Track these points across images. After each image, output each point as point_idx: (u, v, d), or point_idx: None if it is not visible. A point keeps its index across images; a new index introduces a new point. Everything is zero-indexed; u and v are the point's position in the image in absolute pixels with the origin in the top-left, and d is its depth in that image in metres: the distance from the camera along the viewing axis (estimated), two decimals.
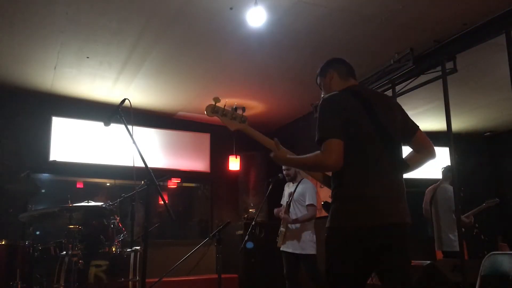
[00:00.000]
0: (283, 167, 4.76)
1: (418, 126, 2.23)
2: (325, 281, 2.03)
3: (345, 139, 1.95)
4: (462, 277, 3.95)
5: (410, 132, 2.20)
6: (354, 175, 1.99)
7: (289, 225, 4.60)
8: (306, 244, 4.52)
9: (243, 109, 2.41)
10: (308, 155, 2.06)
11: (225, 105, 2.35)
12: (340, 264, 1.98)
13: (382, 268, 2.00)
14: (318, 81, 2.36)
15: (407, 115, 2.24)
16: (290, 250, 4.56)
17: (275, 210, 4.81)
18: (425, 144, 2.21)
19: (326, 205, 2.16)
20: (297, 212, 4.60)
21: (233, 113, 2.37)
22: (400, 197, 2.03)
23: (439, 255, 5.17)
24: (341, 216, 1.99)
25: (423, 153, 2.22)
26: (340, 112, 2.00)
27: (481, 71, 4.99)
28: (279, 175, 4.80)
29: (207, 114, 2.37)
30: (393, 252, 1.98)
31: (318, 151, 2.00)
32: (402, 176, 2.12)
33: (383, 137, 2.03)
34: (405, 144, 2.22)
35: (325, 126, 1.99)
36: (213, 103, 2.34)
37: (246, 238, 4.74)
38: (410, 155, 2.25)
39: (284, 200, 4.86)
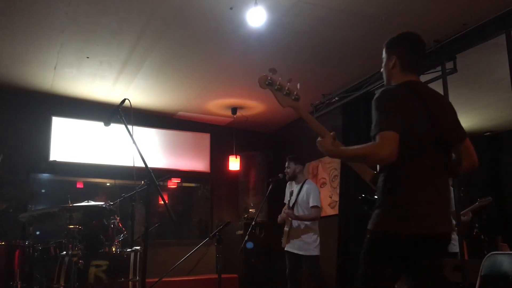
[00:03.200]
0: (286, 165, 4.76)
1: (466, 134, 2.12)
2: (360, 283, 1.96)
3: (403, 137, 1.83)
4: (462, 277, 3.95)
5: (460, 138, 2.08)
6: (409, 178, 1.89)
7: (293, 225, 4.60)
8: (310, 245, 4.51)
9: (298, 85, 2.17)
10: (359, 146, 1.93)
11: (279, 79, 2.12)
12: (379, 269, 1.91)
13: (418, 274, 1.94)
14: (383, 55, 2.20)
15: (459, 120, 2.13)
16: (294, 251, 4.55)
17: (279, 217, 4.79)
18: (471, 153, 2.11)
19: (365, 201, 2.05)
20: (299, 213, 4.59)
21: (288, 88, 2.14)
22: (449, 204, 1.98)
23: None
24: (391, 221, 1.87)
25: (467, 162, 2.11)
26: (399, 108, 1.88)
27: (481, 71, 4.99)
28: (279, 175, 4.80)
29: (260, 86, 2.16)
30: (437, 260, 1.94)
31: (367, 143, 1.88)
32: (449, 182, 2.07)
33: (438, 140, 1.93)
34: (451, 149, 2.10)
35: (382, 118, 1.86)
36: (267, 75, 2.13)
37: (246, 238, 4.75)
38: (455, 162, 2.14)
39: (287, 199, 4.86)
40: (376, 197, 2.04)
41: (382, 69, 2.19)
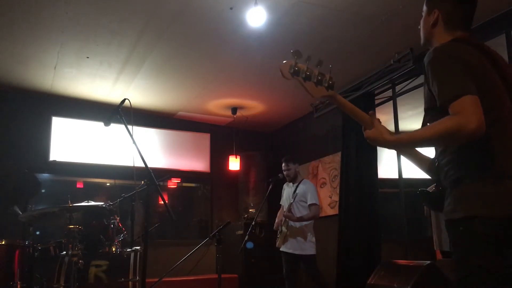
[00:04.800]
0: (283, 167, 4.75)
1: None
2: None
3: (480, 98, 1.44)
4: None
5: None
6: (495, 147, 1.50)
7: (290, 225, 4.60)
8: (306, 244, 4.52)
9: (330, 69, 1.71)
10: (429, 125, 1.54)
11: (307, 64, 1.69)
12: (489, 266, 1.45)
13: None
14: (423, 9, 1.82)
15: None
16: (290, 251, 4.56)
17: (275, 224, 4.79)
18: None
19: (425, 194, 1.73)
20: (297, 213, 4.60)
21: (319, 75, 1.68)
22: None
23: (438, 254, 5.17)
24: (487, 202, 1.47)
25: None
26: (467, 66, 1.50)
27: None
28: (279, 175, 4.81)
29: (284, 76, 1.72)
30: None
31: (445, 118, 1.45)
32: None
33: None
34: None
35: (452, 81, 1.47)
36: (292, 61, 1.69)
37: (246, 238, 4.74)
38: None
39: (283, 200, 4.86)
40: (432, 188, 1.73)
41: (420, 26, 1.82)
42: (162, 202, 4.34)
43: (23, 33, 4.34)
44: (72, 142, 6.20)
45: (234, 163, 7.09)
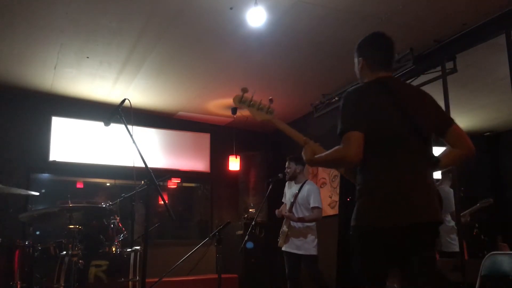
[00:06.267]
0: (286, 165, 4.76)
1: (453, 120, 2.10)
2: (360, 281, 1.99)
3: (369, 133, 1.87)
4: (462, 277, 3.95)
5: (444, 125, 2.06)
6: (381, 171, 1.90)
7: (292, 225, 4.59)
8: (308, 245, 4.51)
9: (271, 100, 2.34)
10: (329, 151, 1.99)
11: (252, 96, 2.31)
12: (369, 264, 1.93)
13: (408, 268, 1.93)
14: (355, 59, 2.26)
15: (442, 109, 2.12)
16: (292, 251, 4.55)
17: (277, 211, 4.78)
18: (461, 139, 2.06)
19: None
20: (299, 214, 4.59)
21: (260, 103, 2.32)
22: (431, 194, 1.93)
23: (437, 254, 5.18)
24: (368, 215, 1.91)
25: (459, 149, 2.06)
26: (363, 105, 1.92)
27: (481, 71, 4.98)
28: (279, 175, 4.80)
29: (234, 104, 2.34)
30: (426, 251, 1.93)
31: (335, 147, 1.93)
32: (432, 172, 2.01)
33: (412, 132, 1.93)
34: (441, 139, 2.10)
35: (346, 118, 1.92)
36: (241, 93, 2.31)
37: (246, 238, 4.74)
38: (446, 151, 2.10)
39: (285, 199, 4.86)
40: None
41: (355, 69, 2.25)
42: (162, 202, 4.34)
43: (23, 33, 4.34)
44: (72, 142, 6.19)
45: (234, 163, 7.09)
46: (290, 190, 4.78)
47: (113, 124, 3.03)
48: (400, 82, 2.22)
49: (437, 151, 2.11)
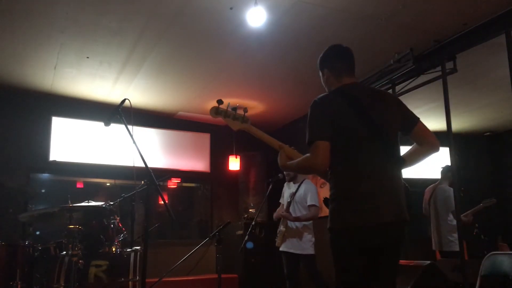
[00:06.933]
0: None
1: (418, 118, 2.20)
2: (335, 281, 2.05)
3: (334, 140, 2.00)
4: (462, 277, 3.95)
5: (409, 124, 2.17)
6: (347, 175, 2.02)
7: (289, 225, 4.60)
8: (306, 244, 4.51)
9: (245, 109, 2.46)
10: (299, 159, 2.16)
11: (227, 107, 2.43)
12: (344, 265, 2.02)
13: (378, 267, 2.02)
14: (320, 73, 2.37)
15: (406, 108, 2.21)
16: (290, 251, 4.55)
17: (275, 215, 4.79)
18: (426, 136, 2.18)
19: (326, 202, 2.18)
20: (297, 212, 4.59)
21: (235, 114, 2.44)
22: (396, 194, 2.02)
23: (438, 254, 5.18)
24: (338, 217, 2.01)
25: (425, 146, 2.18)
26: (327, 114, 2.04)
27: (481, 71, 4.99)
28: (279, 175, 4.80)
29: (211, 115, 2.44)
30: (389, 251, 2.02)
31: (304, 156, 2.09)
32: (399, 172, 2.10)
33: (375, 135, 2.02)
34: (407, 137, 2.21)
35: (312, 128, 2.05)
36: (217, 105, 2.42)
37: (246, 238, 4.74)
38: (412, 149, 2.22)
39: (283, 200, 4.86)
40: None
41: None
42: (162, 202, 4.34)
43: (23, 33, 4.34)
44: (72, 142, 6.19)
45: (234, 163, 7.09)
46: (288, 190, 4.79)
47: (113, 124, 3.04)
48: (362, 87, 2.34)
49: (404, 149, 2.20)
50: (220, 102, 2.40)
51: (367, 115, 2.03)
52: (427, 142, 2.18)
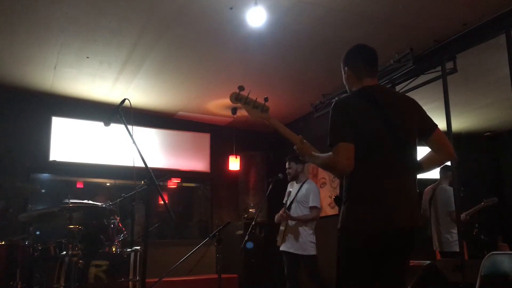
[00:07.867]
0: (286, 166, 4.75)
1: (437, 125, 2.20)
2: (340, 280, 2.05)
3: (355, 142, 1.98)
4: (462, 277, 3.95)
5: (427, 131, 2.17)
6: (364, 178, 2.00)
7: (289, 224, 4.60)
8: (306, 244, 4.51)
9: (266, 99, 2.35)
10: (324, 155, 2.12)
11: (248, 94, 2.30)
12: (351, 266, 2.00)
13: (387, 271, 2.01)
14: (342, 71, 2.34)
15: (425, 114, 2.21)
16: (291, 251, 4.55)
17: (276, 218, 4.78)
18: (442, 145, 2.18)
19: (338, 200, 2.16)
20: (298, 212, 4.59)
21: (255, 102, 2.33)
22: (410, 199, 2.02)
23: (437, 254, 5.18)
24: (351, 219, 1.99)
25: (440, 153, 2.19)
26: (350, 116, 2.01)
27: (481, 71, 4.98)
28: (279, 175, 4.80)
29: (231, 101, 2.33)
30: (401, 256, 2.01)
31: (329, 154, 2.04)
32: (415, 177, 2.10)
33: (394, 139, 2.02)
34: (424, 143, 2.21)
35: (335, 130, 2.02)
36: (237, 91, 2.30)
37: (246, 238, 4.74)
38: (428, 155, 2.22)
39: (285, 200, 4.85)
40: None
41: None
42: (162, 202, 4.34)
43: (23, 33, 4.34)
44: (72, 142, 6.19)
45: (234, 163, 7.09)
46: (291, 189, 4.79)
47: (113, 124, 3.04)
48: (385, 89, 2.34)
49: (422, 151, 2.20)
50: (241, 88, 2.29)
51: (388, 119, 2.04)
52: (443, 151, 2.18)
